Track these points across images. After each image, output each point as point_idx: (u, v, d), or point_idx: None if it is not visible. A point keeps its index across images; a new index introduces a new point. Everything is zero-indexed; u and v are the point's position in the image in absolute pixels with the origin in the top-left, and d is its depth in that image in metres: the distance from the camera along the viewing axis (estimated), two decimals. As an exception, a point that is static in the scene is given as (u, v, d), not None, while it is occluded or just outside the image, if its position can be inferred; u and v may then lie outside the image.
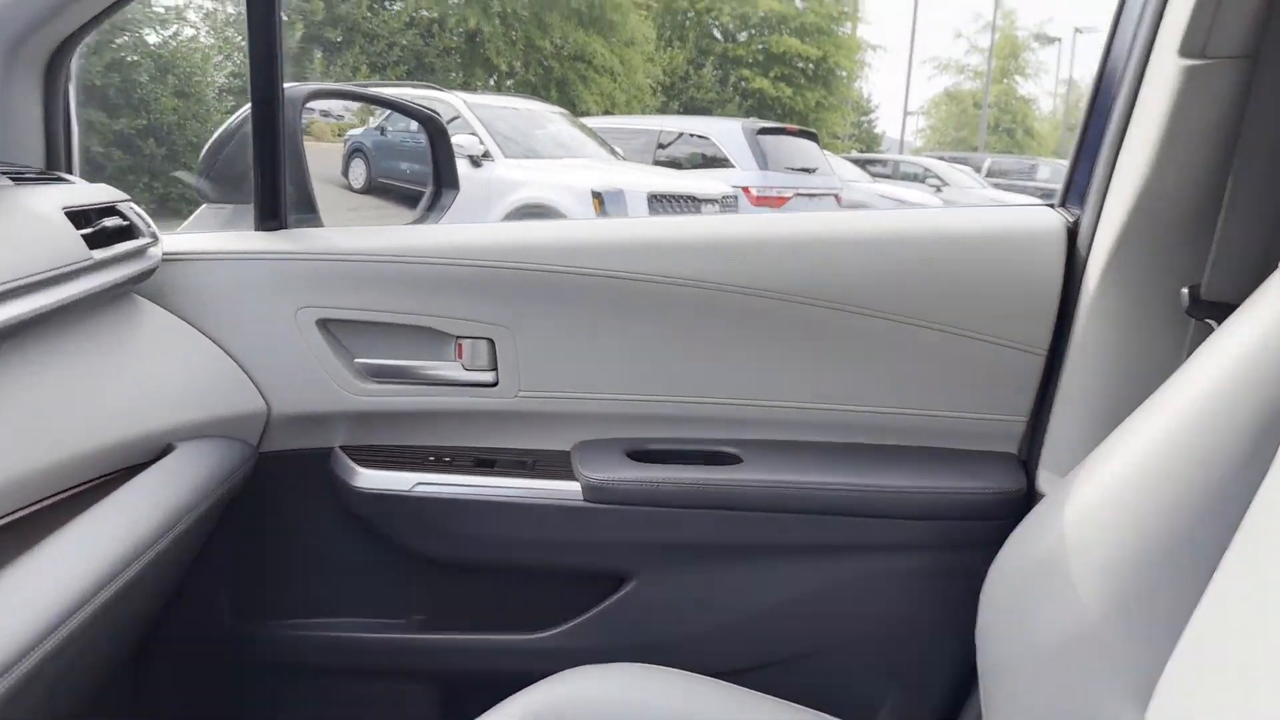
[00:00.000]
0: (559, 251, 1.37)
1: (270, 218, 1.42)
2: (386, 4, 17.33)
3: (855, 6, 28.18)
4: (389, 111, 1.97)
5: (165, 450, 1.22)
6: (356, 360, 1.42)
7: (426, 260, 1.37)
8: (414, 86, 9.40)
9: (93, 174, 1.40)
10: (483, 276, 1.37)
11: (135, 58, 11.31)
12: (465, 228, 1.43)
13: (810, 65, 25.24)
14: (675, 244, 1.37)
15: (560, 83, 19.25)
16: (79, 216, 1.14)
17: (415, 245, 1.39)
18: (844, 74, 27.39)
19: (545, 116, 9.72)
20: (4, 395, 0.99)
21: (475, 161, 8.13)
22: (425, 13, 17.57)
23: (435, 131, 1.75)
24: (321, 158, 2.21)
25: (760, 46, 24.85)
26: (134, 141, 10.69)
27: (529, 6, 18.48)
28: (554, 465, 1.43)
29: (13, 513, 0.98)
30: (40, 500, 1.02)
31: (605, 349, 1.39)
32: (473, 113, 8.46)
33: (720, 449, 1.43)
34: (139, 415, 1.18)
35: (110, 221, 1.19)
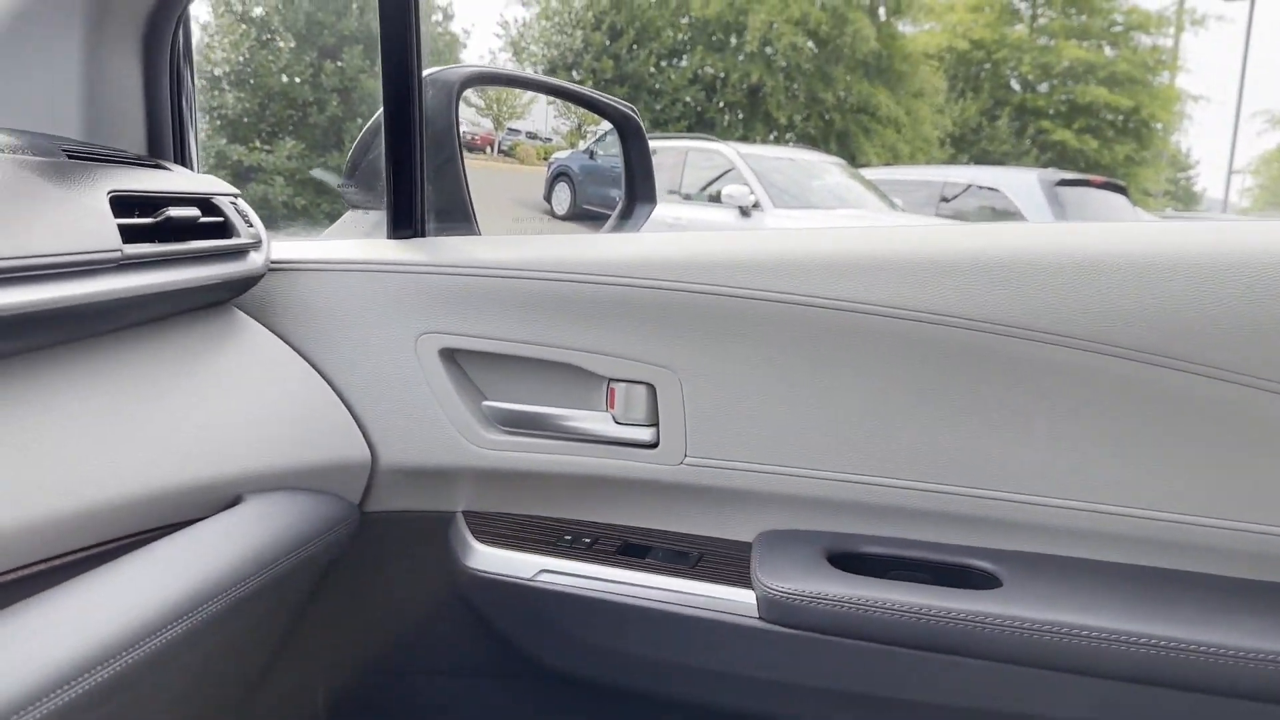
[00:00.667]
0: (748, 270, 1.00)
1: (403, 224, 1.16)
2: (673, 62, 17.75)
3: (1174, 54, 25.70)
4: (600, 134, 1.68)
5: (233, 502, 0.97)
6: (485, 403, 1.12)
7: (576, 276, 1.05)
8: (689, 138, 9.38)
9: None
10: (644, 300, 1.03)
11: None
12: (627, 238, 1.10)
13: (1120, 117, 23.18)
14: (918, 262, 0.96)
15: (841, 135, 18.82)
16: (137, 205, 0.92)
17: (564, 258, 1.08)
18: (1159, 127, 24.96)
19: (821, 167, 9.38)
20: (24, 421, 0.77)
21: (744, 211, 7.94)
22: (709, 69, 17.81)
23: (630, 134, 1.45)
24: (525, 182, 1.97)
25: (1064, 97, 23.16)
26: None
27: (813, 60, 18.28)
28: (726, 562, 1.05)
29: (14, 570, 0.75)
30: (54, 558, 0.79)
31: (806, 406, 1.01)
32: (746, 163, 8.30)
33: (968, 562, 0.99)
34: (208, 456, 0.94)
35: (182, 213, 0.96)
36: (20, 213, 0.79)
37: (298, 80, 11.07)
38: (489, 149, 1.87)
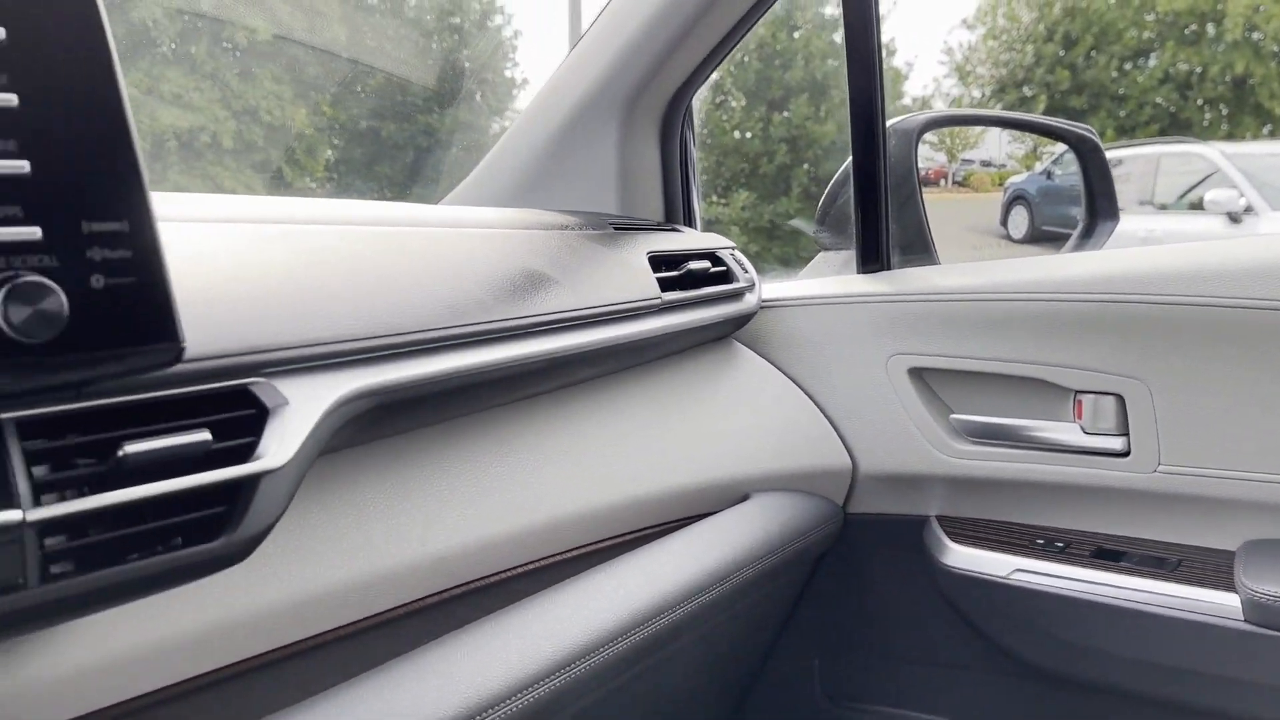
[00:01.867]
0: (1219, 279, 1.01)
1: (871, 259, 1.32)
2: (1139, 63, 16.21)
3: None
4: (1057, 154, 1.73)
5: (742, 499, 1.18)
6: (953, 416, 1.23)
7: (1038, 297, 1.13)
8: (1160, 143, 8.55)
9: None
10: (1109, 315, 1.08)
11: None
12: (1087, 256, 1.15)
13: None
14: None
15: (1364, 119, 15.80)
16: (665, 261, 1.17)
17: (1024, 280, 1.16)
18: None
19: (1336, 162, 8.05)
20: (587, 429, 1.03)
21: (1234, 217, 7.07)
22: (1183, 65, 16.00)
23: (1088, 152, 1.48)
24: (978, 209, 2.05)
25: None
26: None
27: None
28: (1206, 568, 1.05)
29: (578, 547, 1.01)
30: (607, 539, 1.04)
31: None
32: (1233, 163, 7.39)
33: None
34: (722, 461, 1.16)
35: (697, 265, 1.20)
36: (589, 274, 1.06)
37: (749, 135, 11.92)
38: (943, 181, 1.98)
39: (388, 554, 0.81)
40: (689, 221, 1.44)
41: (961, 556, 1.18)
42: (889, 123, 1.30)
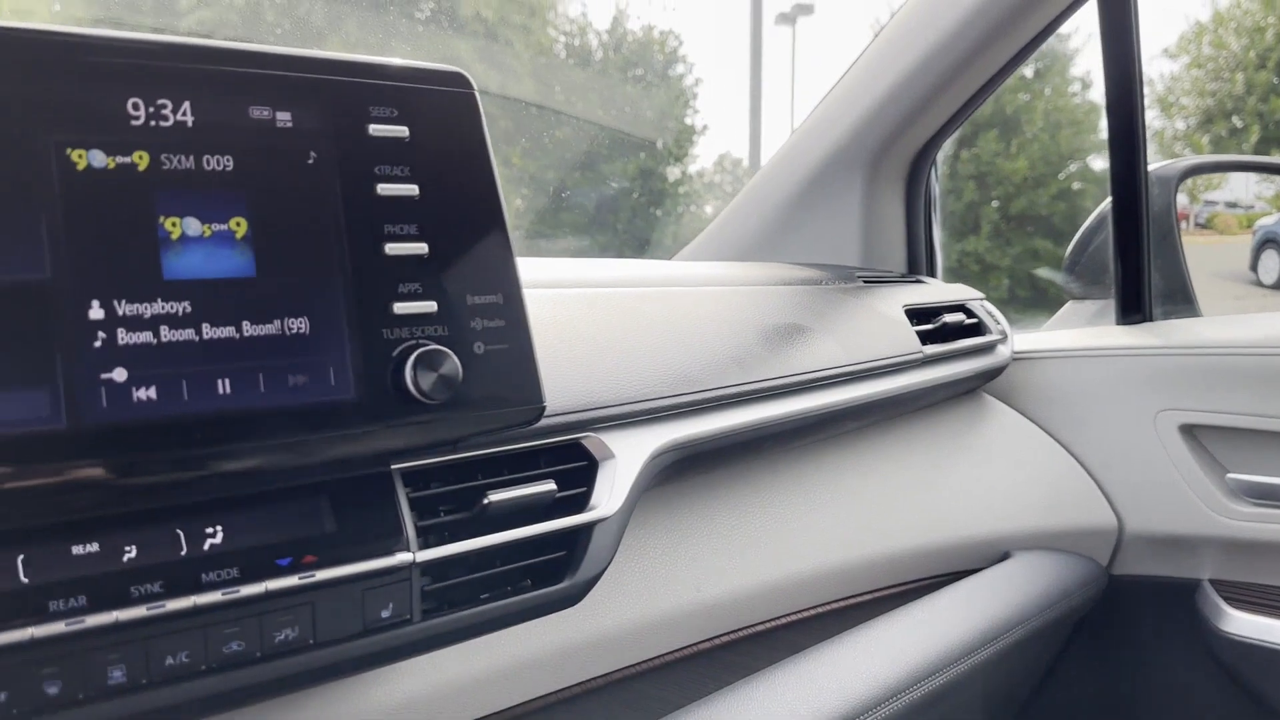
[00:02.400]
0: None
1: (1132, 310, 1.27)
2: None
3: None
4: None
5: (1001, 558, 1.16)
6: (1229, 475, 1.16)
7: None
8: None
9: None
10: None
11: (1080, 185, 11.61)
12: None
13: None
14: None
15: None
16: (920, 314, 1.17)
17: None
18: None
19: None
20: (845, 482, 1.05)
21: None
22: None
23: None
24: (1224, 253, 1.94)
25: None
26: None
27: None
28: None
29: (839, 600, 1.02)
30: (866, 592, 1.05)
31: None
32: None
33: None
34: (979, 517, 1.15)
35: (952, 318, 1.19)
36: (851, 328, 1.07)
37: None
38: (1183, 223, 1.88)
39: (665, 599, 0.85)
40: (930, 272, 1.43)
41: (1243, 623, 1.11)
42: (1151, 168, 1.26)
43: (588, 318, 0.83)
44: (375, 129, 0.58)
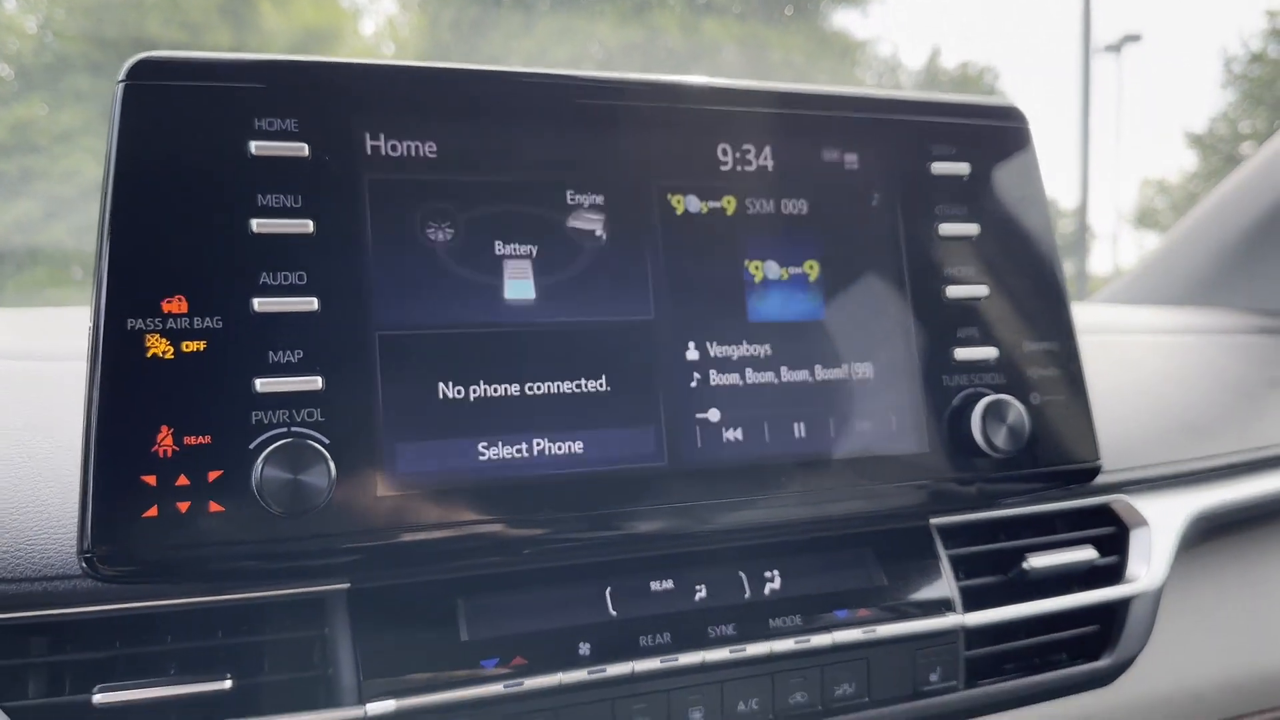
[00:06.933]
0: None
1: None
2: None
3: None
4: None
5: None
6: None
7: None
8: None
9: None
10: None
11: None
12: None
13: None
14: None
15: None
16: None
17: None
18: None
19: None
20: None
21: None
22: None
23: None
24: None
25: None
26: None
27: None
28: None
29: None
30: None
31: None
32: None
33: None
34: None
35: None
36: None
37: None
38: None
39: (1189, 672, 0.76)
40: None
41: None
42: None
43: (1094, 370, 0.76)
44: (937, 167, 0.56)
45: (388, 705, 0.44)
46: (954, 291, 0.55)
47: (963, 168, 0.56)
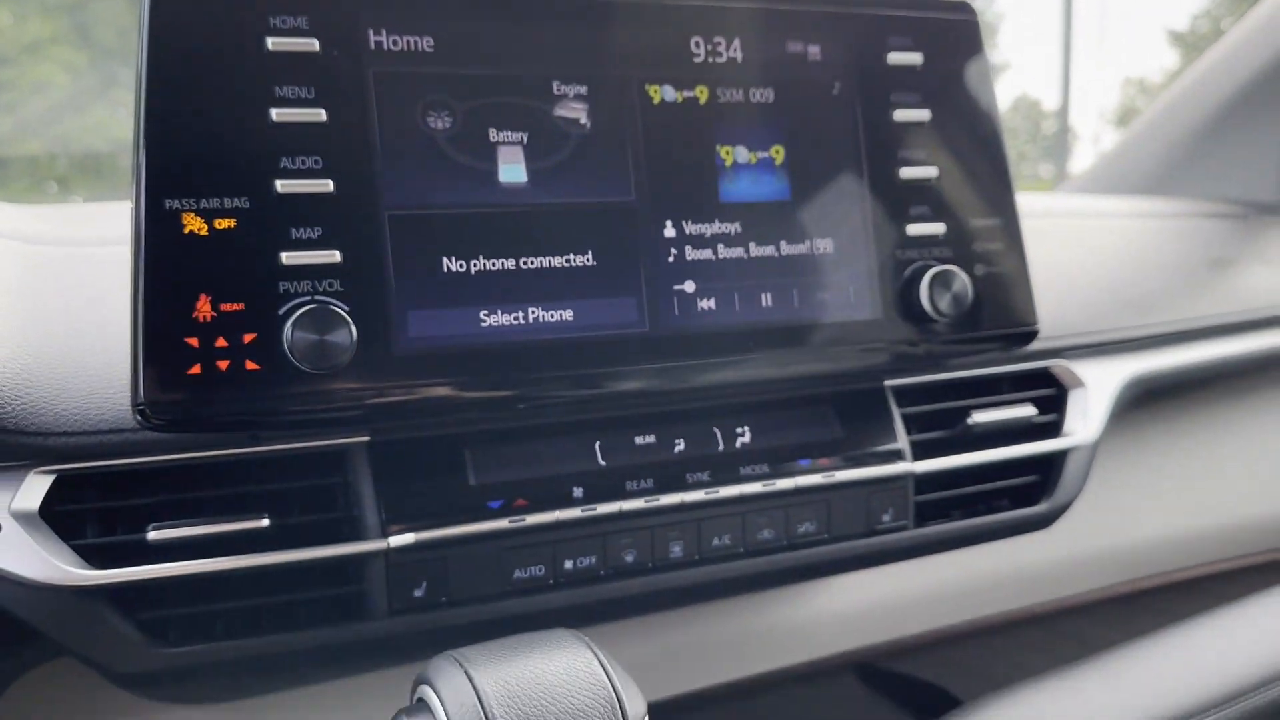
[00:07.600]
0: None
1: None
2: None
3: None
4: None
5: None
6: None
7: None
8: None
9: None
10: None
11: None
12: None
13: None
14: None
15: None
16: None
17: None
18: None
19: None
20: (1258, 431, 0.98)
21: None
22: None
23: None
24: None
25: None
26: None
27: None
28: None
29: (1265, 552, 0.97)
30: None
31: None
32: None
33: None
34: None
35: None
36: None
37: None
38: None
39: (1115, 532, 0.84)
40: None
41: None
42: None
43: (1039, 247, 0.82)
44: (893, 57, 0.60)
45: (408, 537, 0.51)
46: (907, 173, 0.60)
47: (916, 58, 0.61)
